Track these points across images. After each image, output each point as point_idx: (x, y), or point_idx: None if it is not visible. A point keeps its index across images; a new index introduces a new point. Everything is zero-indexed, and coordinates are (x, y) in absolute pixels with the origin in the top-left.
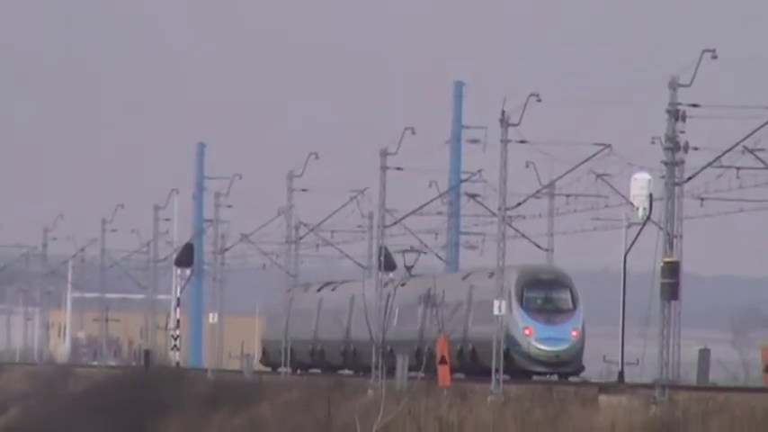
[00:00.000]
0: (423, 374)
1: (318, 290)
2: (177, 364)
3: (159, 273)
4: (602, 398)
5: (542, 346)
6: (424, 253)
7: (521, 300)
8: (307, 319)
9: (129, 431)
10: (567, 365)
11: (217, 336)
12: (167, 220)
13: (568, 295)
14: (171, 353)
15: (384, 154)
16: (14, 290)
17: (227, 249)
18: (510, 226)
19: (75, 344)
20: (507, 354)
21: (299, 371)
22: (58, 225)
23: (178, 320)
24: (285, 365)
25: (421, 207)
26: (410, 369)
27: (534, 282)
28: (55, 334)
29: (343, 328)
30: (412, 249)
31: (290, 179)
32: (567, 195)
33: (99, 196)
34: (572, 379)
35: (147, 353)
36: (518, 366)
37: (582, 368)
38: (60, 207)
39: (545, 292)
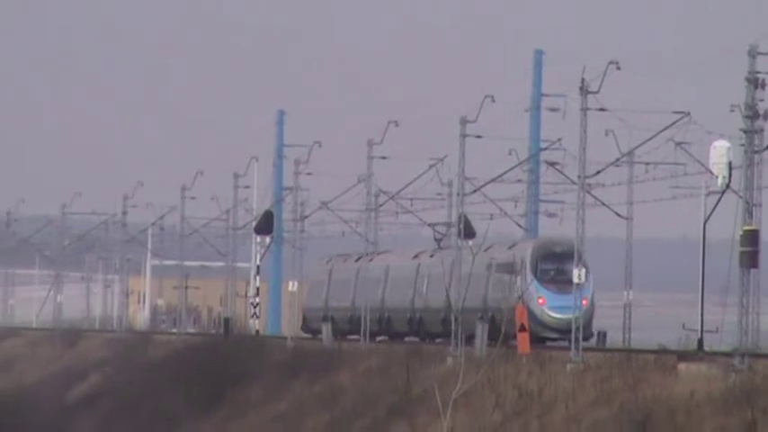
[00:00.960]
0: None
1: (356, 260)
2: (256, 331)
3: (238, 240)
4: (682, 366)
5: (555, 314)
6: (453, 226)
7: (535, 271)
8: (346, 288)
9: (208, 399)
10: (577, 332)
11: (296, 303)
12: (247, 187)
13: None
14: (250, 321)
15: (464, 122)
16: (94, 257)
17: (306, 217)
18: (589, 194)
19: (154, 311)
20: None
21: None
22: (137, 192)
23: (257, 288)
24: (360, 334)
25: (500, 175)
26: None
27: (548, 254)
28: (134, 301)
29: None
30: (442, 223)
31: (370, 147)
32: (647, 163)
33: (179, 163)
34: (651, 347)
35: (226, 321)
36: (532, 332)
37: (591, 334)
38: (140, 174)
39: (558, 264)
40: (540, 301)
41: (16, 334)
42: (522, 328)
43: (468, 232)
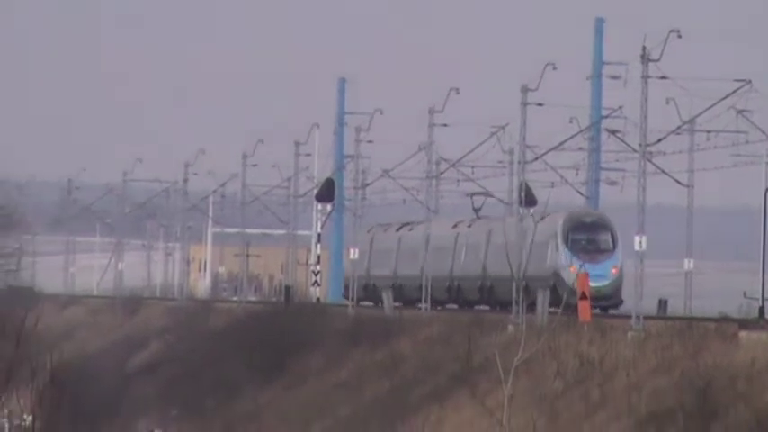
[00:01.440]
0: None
1: (397, 230)
2: (317, 299)
3: (300, 208)
4: (743, 334)
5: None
6: (491, 196)
7: (566, 241)
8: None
9: (268, 367)
10: (607, 299)
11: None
12: (308, 155)
13: (609, 237)
14: (311, 288)
15: (525, 90)
16: (155, 225)
17: (367, 185)
18: (650, 162)
19: (215, 279)
20: (554, 289)
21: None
22: (198, 160)
23: (318, 256)
24: (423, 301)
25: (561, 143)
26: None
27: (578, 225)
28: (195, 269)
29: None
30: (479, 193)
31: (431, 114)
32: (708, 132)
33: (240, 131)
34: (712, 315)
35: (287, 288)
36: (563, 300)
37: (621, 301)
38: (201, 142)
39: (588, 234)
40: (572, 269)
41: (77, 302)
42: (584, 296)
43: (530, 200)
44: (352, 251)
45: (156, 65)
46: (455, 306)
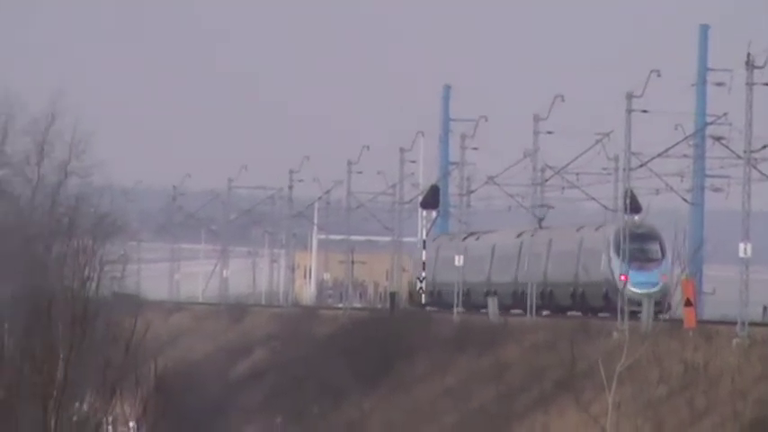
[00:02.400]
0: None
1: (464, 239)
2: (423, 306)
3: (405, 215)
4: None
5: (636, 290)
6: (552, 207)
7: (618, 251)
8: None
9: (374, 373)
10: (657, 305)
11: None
12: (413, 162)
13: (658, 247)
14: (417, 294)
15: (630, 96)
16: (260, 232)
17: (472, 191)
18: (755, 168)
19: (320, 286)
20: (606, 295)
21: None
22: (304, 167)
23: (424, 263)
24: (526, 309)
25: (666, 150)
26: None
27: (630, 235)
28: (300, 276)
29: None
30: (543, 205)
31: (536, 121)
32: None
33: (345, 138)
34: None
35: (392, 295)
36: (615, 305)
37: (669, 307)
38: (306, 149)
39: (638, 244)
40: (623, 277)
41: (182, 309)
42: (689, 303)
43: (634, 207)
44: (457, 258)
45: (260, 71)
46: (519, 311)
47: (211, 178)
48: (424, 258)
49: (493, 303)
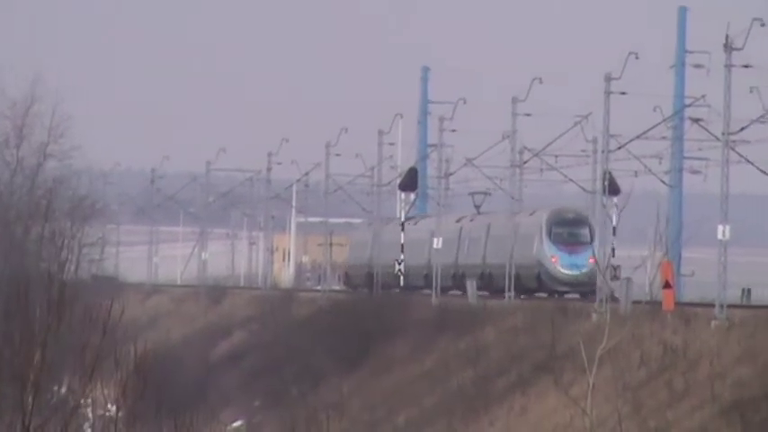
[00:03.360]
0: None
1: (401, 224)
2: (400, 288)
3: (383, 197)
4: None
5: (566, 271)
6: (489, 194)
7: (549, 234)
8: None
9: (352, 356)
10: (584, 285)
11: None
12: (391, 144)
13: (587, 231)
14: (396, 276)
15: (608, 79)
16: (239, 214)
17: (451, 174)
18: (734, 151)
19: (299, 268)
20: (539, 276)
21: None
22: (282, 149)
23: (402, 245)
24: (509, 290)
25: (645, 132)
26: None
27: (560, 220)
28: (279, 258)
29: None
30: (480, 192)
31: (514, 104)
32: None
33: (323, 120)
34: None
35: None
36: (547, 286)
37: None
38: (284, 131)
39: (568, 229)
40: (554, 259)
41: (161, 291)
42: (667, 285)
43: (613, 189)
44: (435, 240)
45: (240, 54)
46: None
47: (190, 161)
48: (402, 241)
49: (471, 285)
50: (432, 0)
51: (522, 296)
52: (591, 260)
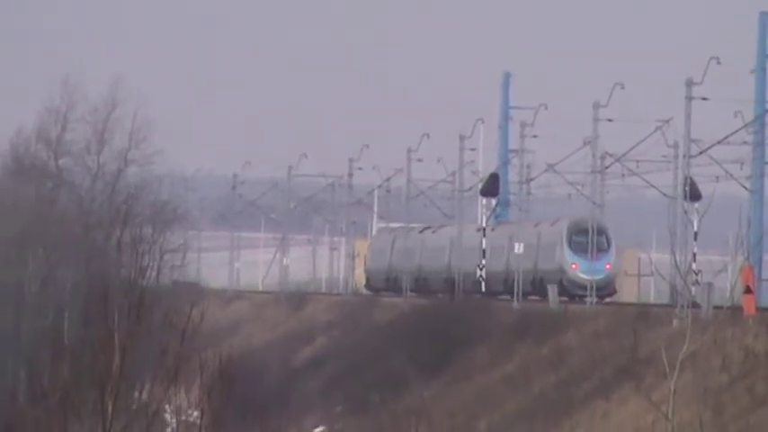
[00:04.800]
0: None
1: (420, 231)
2: (482, 294)
3: (464, 202)
4: None
5: (585, 276)
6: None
7: (569, 243)
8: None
9: (434, 361)
10: (602, 290)
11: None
12: (473, 149)
13: (604, 239)
14: (478, 281)
15: (689, 84)
16: (320, 219)
17: (532, 179)
18: None
19: None
20: (561, 282)
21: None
22: (363, 154)
23: (484, 250)
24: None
25: (726, 137)
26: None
27: (579, 229)
28: (360, 264)
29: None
30: (498, 205)
31: (596, 109)
32: None
33: (404, 126)
34: None
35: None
36: (568, 290)
37: (614, 291)
38: (366, 137)
39: (587, 237)
40: (574, 266)
41: (242, 297)
42: (748, 290)
43: (694, 194)
44: (517, 245)
45: (322, 59)
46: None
47: (272, 166)
48: (484, 246)
49: (552, 290)
50: (513, 6)
51: (600, 301)
52: (607, 266)
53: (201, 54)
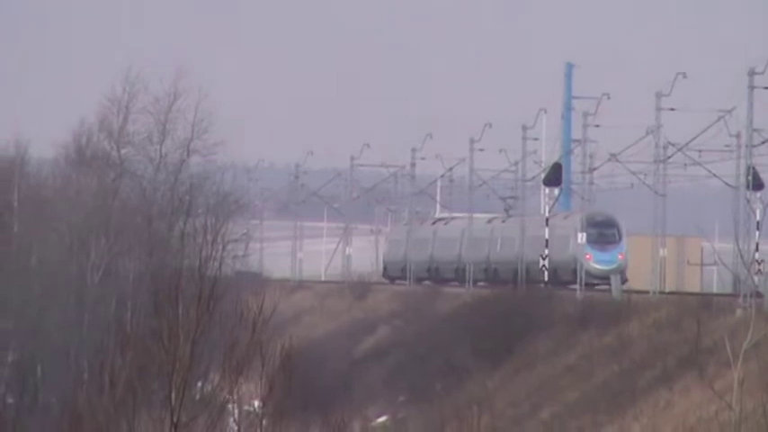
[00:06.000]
0: None
1: (433, 223)
2: (545, 283)
3: (527, 192)
4: None
5: (598, 266)
6: (515, 198)
7: (584, 235)
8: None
9: (497, 351)
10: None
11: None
12: (535, 139)
13: (615, 231)
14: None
15: (752, 73)
16: (383, 209)
17: (595, 169)
18: None
19: None
20: (575, 271)
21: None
22: (426, 144)
23: (547, 240)
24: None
25: None
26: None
27: (592, 222)
28: None
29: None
30: (510, 197)
31: (658, 98)
32: None
33: (468, 115)
34: None
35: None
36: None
37: (626, 280)
38: (429, 126)
39: (599, 230)
40: (588, 256)
41: (305, 287)
42: None
43: (757, 184)
44: (580, 235)
45: (384, 49)
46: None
47: (333, 156)
48: (546, 236)
49: (615, 280)
50: None
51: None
52: (620, 256)
53: (266, 44)
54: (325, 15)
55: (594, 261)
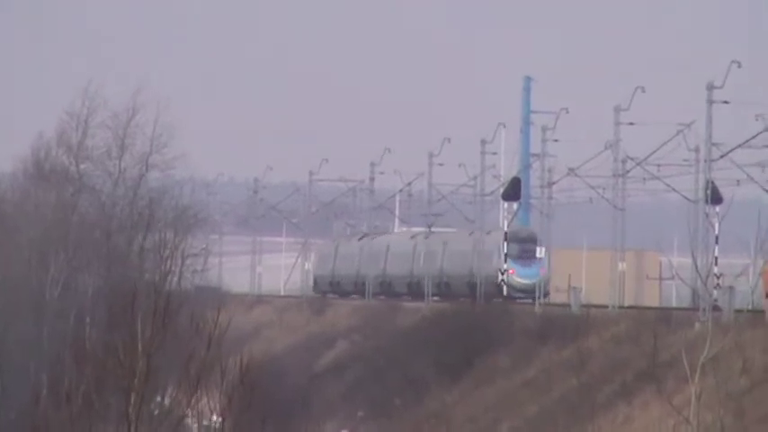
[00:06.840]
0: None
1: (360, 239)
2: (504, 298)
3: (486, 207)
4: None
5: (521, 280)
6: (441, 215)
7: (506, 251)
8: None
9: (456, 366)
10: (535, 292)
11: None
12: (494, 154)
13: (536, 247)
14: (499, 284)
15: (710, 87)
16: (341, 224)
17: (553, 183)
18: None
19: None
20: (500, 285)
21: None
22: (384, 159)
23: (505, 254)
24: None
25: (747, 141)
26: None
27: (514, 238)
28: None
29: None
30: (432, 214)
31: (617, 113)
32: None
33: (426, 130)
34: None
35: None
36: (506, 293)
37: (547, 293)
38: (387, 141)
39: (522, 245)
40: (511, 271)
41: (264, 301)
42: None
43: (715, 198)
44: (538, 249)
45: (341, 64)
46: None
47: (292, 171)
48: (505, 250)
49: (575, 294)
50: (533, 11)
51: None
52: (542, 271)
53: (223, 59)
54: (283, 32)
55: (517, 275)
